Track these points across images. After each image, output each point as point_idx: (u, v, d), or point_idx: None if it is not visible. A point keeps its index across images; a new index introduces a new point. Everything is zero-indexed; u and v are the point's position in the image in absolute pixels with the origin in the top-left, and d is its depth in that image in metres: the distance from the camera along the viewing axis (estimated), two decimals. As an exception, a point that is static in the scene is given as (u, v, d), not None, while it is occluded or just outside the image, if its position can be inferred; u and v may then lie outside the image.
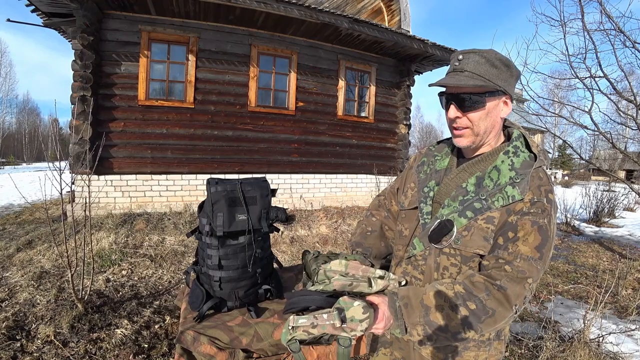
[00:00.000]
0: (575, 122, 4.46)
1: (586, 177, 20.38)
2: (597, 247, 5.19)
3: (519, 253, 0.78)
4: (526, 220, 0.80)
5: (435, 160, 1.02)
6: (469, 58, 0.84)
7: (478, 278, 0.80)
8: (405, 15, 7.59)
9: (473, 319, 0.77)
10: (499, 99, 0.86)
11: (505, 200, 0.83)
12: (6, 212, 6.05)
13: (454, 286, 0.80)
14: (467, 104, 0.85)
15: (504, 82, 0.84)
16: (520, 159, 0.86)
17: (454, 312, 0.77)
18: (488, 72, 0.82)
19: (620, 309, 2.99)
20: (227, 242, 1.52)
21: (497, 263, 0.80)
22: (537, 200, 0.81)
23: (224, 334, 1.33)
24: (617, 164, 18.21)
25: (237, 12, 5.36)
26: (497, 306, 0.77)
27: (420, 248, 0.92)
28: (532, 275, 0.78)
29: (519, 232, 0.80)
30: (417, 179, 1.03)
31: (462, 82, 0.82)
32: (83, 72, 4.80)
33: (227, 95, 5.98)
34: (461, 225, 0.86)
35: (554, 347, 2.06)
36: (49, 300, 2.56)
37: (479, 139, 0.89)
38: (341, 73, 6.96)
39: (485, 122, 0.86)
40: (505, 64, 0.83)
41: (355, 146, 7.27)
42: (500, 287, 0.77)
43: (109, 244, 3.85)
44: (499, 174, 0.85)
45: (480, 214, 0.84)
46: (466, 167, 0.93)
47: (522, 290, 0.77)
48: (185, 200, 5.81)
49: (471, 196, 0.87)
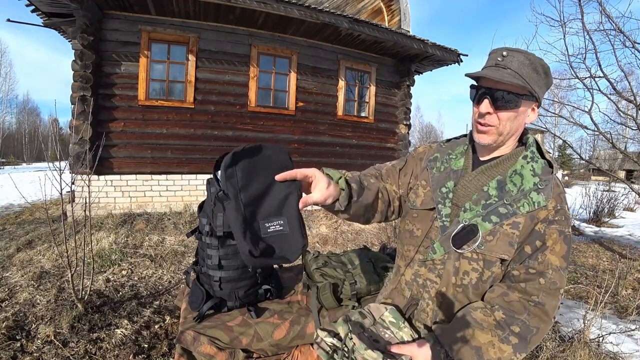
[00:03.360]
0: (575, 122, 4.46)
1: (586, 177, 20.38)
2: (597, 247, 5.19)
3: (549, 263, 0.79)
4: (553, 229, 0.81)
5: (450, 158, 0.98)
6: (514, 57, 0.82)
7: (513, 297, 0.80)
8: (405, 15, 7.59)
9: (522, 342, 0.77)
10: (530, 104, 0.85)
11: (530, 206, 0.82)
12: (6, 212, 6.05)
13: (493, 313, 0.80)
14: (501, 102, 0.82)
15: (540, 88, 0.83)
16: (539, 165, 0.86)
17: (504, 343, 0.77)
18: (529, 75, 0.81)
19: (620, 309, 2.99)
20: (227, 242, 1.52)
21: (528, 274, 0.80)
22: (560, 208, 0.82)
23: (224, 334, 1.33)
24: (617, 164, 18.21)
25: (237, 12, 5.36)
26: (539, 323, 0.78)
27: (440, 252, 0.89)
28: (562, 286, 0.80)
29: (547, 241, 0.80)
30: (430, 176, 0.98)
31: (506, 78, 0.79)
32: (83, 72, 4.80)
33: (227, 95, 5.98)
34: (485, 230, 0.84)
35: (554, 347, 2.06)
36: (49, 300, 2.56)
37: (501, 139, 0.87)
38: (341, 73, 6.96)
39: (512, 123, 0.85)
40: (545, 72, 0.83)
41: (355, 146, 7.27)
42: (537, 303, 0.78)
43: (109, 244, 3.85)
44: (522, 179, 0.84)
45: (506, 219, 0.83)
46: (485, 169, 0.91)
47: (557, 302, 0.79)
48: (185, 200, 5.81)
49: (494, 200, 0.85)
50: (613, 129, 6.19)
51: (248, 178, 0.83)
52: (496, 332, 0.77)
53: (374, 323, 0.91)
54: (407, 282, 0.98)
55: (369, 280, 1.63)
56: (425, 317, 0.92)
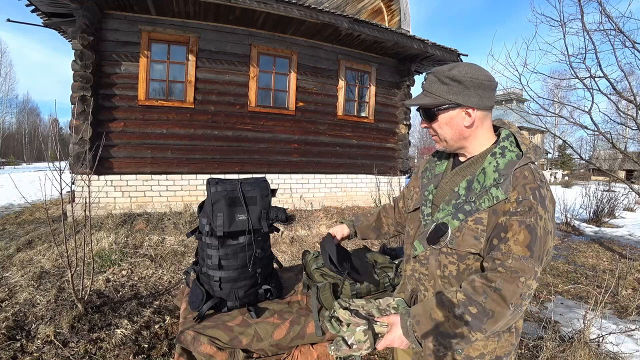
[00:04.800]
0: (575, 122, 4.46)
1: (586, 177, 20.37)
2: (597, 247, 5.19)
3: (511, 253, 0.84)
4: (514, 220, 0.85)
5: (435, 165, 1.12)
6: (429, 78, 0.96)
7: (477, 282, 0.87)
8: (405, 15, 7.59)
9: (476, 322, 0.84)
10: (455, 110, 0.92)
11: (490, 201, 0.88)
12: (6, 212, 6.06)
13: (457, 294, 0.88)
14: (427, 117, 0.98)
15: (456, 95, 0.90)
16: (506, 159, 0.91)
17: (459, 319, 0.85)
18: (439, 89, 0.92)
19: (620, 309, 2.99)
20: (227, 242, 1.52)
21: (493, 264, 0.86)
22: (522, 199, 0.85)
23: (224, 334, 1.33)
24: (617, 164, 18.21)
25: (237, 12, 5.36)
26: (495, 307, 0.83)
27: (421, 249, 1.01)
28: (524, 274, 0.82)
29: (508, 232, 0.85)
30: (421, 184, 1.13)
31: (415, 101, 0.98)
32: (83, 72, 4.80)
33: (227, 95, 5.99)
34: (454, 227, 0.93)
35: (554, 347, 2.06)
36: (49, 300, 2.56)
37: (450, 145, 0.98)
38: (341, 73, 6.96)
39: (445, 130, 0.96)
40: (455, 80, 0.90)
41: (355, 146, 7.27)
42: (495, 289, 0.83)
43: (109, 244, 3.85)
44: (485, 177, 0.91)
45: (470, 215, 0.91)
46: (458, 170, 1.01)
47: (516, 288, 0.82)
48: (185, 200, 5.81)
49: (462, 199, 0.94)
50: (613, 129, 6.20)
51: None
52: (452, 310, 0.86)
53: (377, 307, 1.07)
54: (408, 277, 1.10)
55: (369, 280, 1.63)
56: None
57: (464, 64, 0.92)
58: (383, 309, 1.07)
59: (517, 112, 7.33)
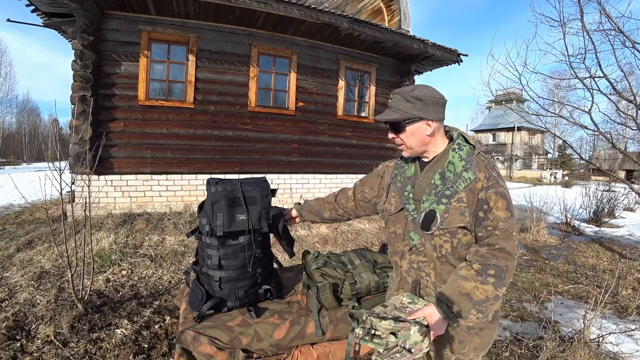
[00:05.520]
0: (575, 122, 4.46)
1: (586, 177, 20.36)
2: (597, 247, 5.19)
3: (498, 218, 1.04)
4: (490, 193, 1.06)
5: (404, 170, 1.29)
6: (394, 97, 1.15)
7: (482, 250, 1.05)
8: (405, 15, 7.59)
9: (498, 280, 1.01)
10: (419, 122, 1.12)
11: (465, 182, 1.08)
12: (6, 212, 6.05)
13: (472, 266, 1.04)
14: (394, 129, 1.18)
15: (419, 111, 1.11)
16: (464, 151, 1.13)
17: (485, 284, 1.01)
18: (405, 106, 1.12)
19: (620, 309, 2.99)
20: (227, 242, 1.52)
21: (487, 231, 1.06)
22: (489, 175, 1.07)
23: (224, 334, 1.33)
24: (617, 164, 18.21)
25: (237, 12, 5.36)
26: (506, 262, 1.02)
27: (417, 238, 1.16)
28: (513, 229, 1.06)
29: (489, 202, 1.05)
30: (396, 188, 1.28)
31: (385, 116, 1.16)
32: (83, 72, 4.80)
33: (227, 95, 5.99)
34: (441, 211, 1.10)
35: (554, 347, 2.06)
36: (49, 300, 2.56)
37: (415, 150, 1.18)
38: (341, 73, 6.96)
39: (411, 140, 1.15)
40: (418, 99, 1.10)
41: (356, 146, 7.27)
42: (500, 249, 1.03)
43: (109, 244, 3.85)
44: (454, 166, 1.12)
45: (452, 197, 1.09)
46: (429, 168, 1.19)
47: (513, 242, 1.04)
48: (185, 200, 5.81)
49: (440, 188, 1.12)
50: (613, 129, 6.19)
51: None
52: (477, 279, 1.02)
53: (395, 308, 1.12)
54: (406, 271, 1.22)
55: (369, 280, 1.63)
56: (430, 290, 1.17)
57: (422, 86, 1.13)
58: (400, 308, 1.11)
59: (517, 112, 7.33)
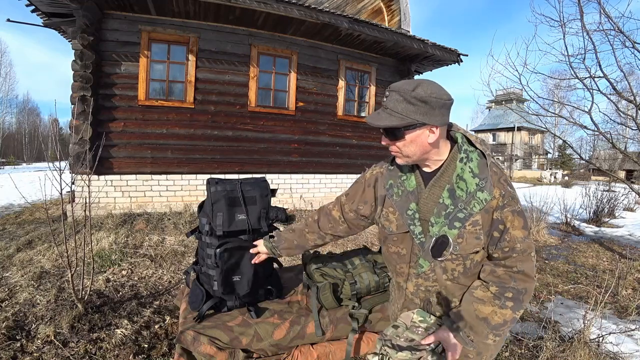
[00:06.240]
0: (575, 122, 4.46)
1: (586, 177, 20.36)
2: (597, 247, 5.19)
3: (515, 238, 0.96)
4: (506, 212, 0.96)
5: (402, 181, 1.10)
6: (391, 96, 0.95)
7: (499, 271, 0.99)
8: (405, 15, 7.59)
9: (517, 303, 0.96)
10: (421, 129, 0.95)
11: (480, 204, 0.96)
12: (6, 212, 6.05)
13: (489, 288, 0.99)
14: (391, 136, 1.00)
15: (423, 115, 0.92)
16: (474, 162, 0.98)
17: (503, 308, 0.96)
18: (406, 109, 0.92)
19: (620, 309, 2.99)
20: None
21: (504, 253, 0.98)
22: (504, 192, 0.97)
23: (224, 334, 1.33)
24: (617, 164, 18.22)
25: (237, 12, 5.36)
26: (525, 284, 0.97)
27: (427, 265, 1.05)
28: (531, 249, 0.98)
29: (506, 223, 0.97)
30: (394, 203, 1.11)
31: (380, 121, 0.97)
32: (83, 72, 4.80)
33: (227, 95, 5.98)
34: (454, 236, 0.98)
35: (554, 347, 2.06)
36: (49, 300, 2.56)
37: (412, 159, 1.01)
38: (341, 73, 6.96)
39: (410, 148, 0.98)
40: (422, 100, 0.90)
41: (356, 146, 7.27)
42: (518, 271, 0.97)
43: (109, 244, 3.85)
44: (466, 183, 0.97)
45: (466, 221, 0.97)
46: (434, 182, 1.03)
47: (532, 262, 0.98)
48: (185, 200, 5.81)
49: (451, 208, 0.98)
50: (613, 129, 6.19)
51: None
52: (495, 303, 0.96)
53: (407, 328, 1.06)
54: (413, 293, 1.12)
55: (369, 280, 1.63)
56: (440, 307, 1.08)
57: (426, 83, 0.93)
58: (412, 326, 1.06)
59: (517, 112, 7.33)
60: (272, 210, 1.69)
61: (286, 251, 1.38)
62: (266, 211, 1.61)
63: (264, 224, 1.59)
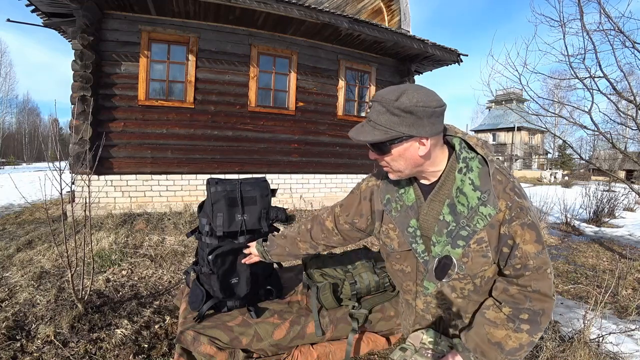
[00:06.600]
0: (575, 122, 4.46)
1: (586, 177, 20.36)
2: (597, 247, 5.19)
3: (527, 254, 0.86)
4: (515, 226, 0.86)
5: (401, 195, 1.03)
6: (374, 107, 0.86)
7: (513, 290, 0.89)
8: (405, 15, 7.59)
9: (533, 325, 0.87)
10: (408, 142, 0.86)
11: (484, 220, 0.88)
12: (6, 212, 6.05)
13: (502, 309, 0.90)
14: (377, 151, 0.90)
15: (409, 127, 0.82)
16: (475, 172, 0.88)
17: (519, 331, 0.87)
18: (389, 121, 0.83)
19: (620, 309, 2.99)
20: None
21: (516, 271, 0.88)
22: (511, 204, 0.87)
23: (224, 334, 1.33)
24: (617, 164, 18.22)
25: (237, 12, 5.36)
26: (542, 305, 0.87)
27: (432, 287, 0.99)
28: (547, 265, 0.87)
29: (515, 238, 0.87)
30: (393, 219, 1.05)
31: (362, 136, 0.87)
32: (83, 72, 4.80)
33: (227, 95, 5.98)
34: (458, 255, 0.92)
35: (554, 347, 2.06)
36: (49, 300, 2.56)
37: (405, 173, 0.93)
38: (341, 73, 6.96)
39: (399, 163, 0.90)
40: (406, 111, 0.81)
41: (356, 146, 7.26)
42: (534, 290, 0.87)
43: (109, 244, 3.85)
44: (467, 198, 0.89)
45: (470, 239, 0.90)
46: (433, 196, 0.96)
47: (549, 281, 0.87)
48: (185, 200, 5.81)
49: (453, 226, 0.91)
50: (613, 129, 6.19)
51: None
52: (508, 326, 0.87)
53: (415, 351, 1.01)
54: (423, 310, 1.07)
55: (369, 280, 1.63)
56: (454, 324, 1.03)
57: (412, 89, 0.83)
58: (421, 349, 1.01)
59: (517, 112, 7.33)
60: (273, 210, 1.69)
61: (277, 257, 1.37)
62: (266, 211, 1.61)
63: (265, 224, 1.59)
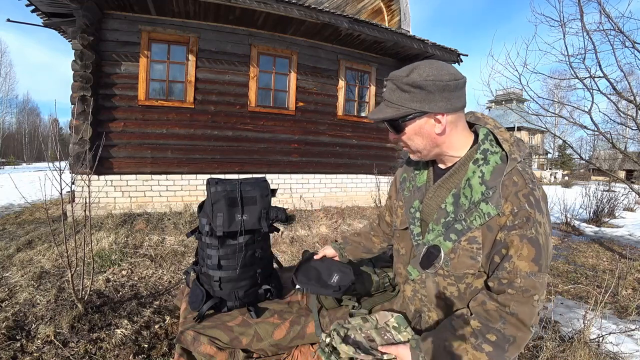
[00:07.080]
0: (575, 122, 4.46)
1: (586, 177, 20.36)
2: (597, 247, 5.19)
3: (517, 271, 0.77)
4: (514, 235, 0.78)
5: (415, 175, 1.02)
6: (388, 86, 0.85)
7: (490, 306, 0.80)
8: (405, 15, 7.59)
9: (497, 350, 0.77)
10: (421, 118, 0.83)
11: (482, 218, 0.81)
12: (6, 212, 6.05)
13: (471, 322, 0.81)
14: (392, 129, 0.88)
15: (420, 102, 0.80)
16: (490, 166, 0.83)
17: (478, 350, 0.78)
18: (400, 98, 0.82)
19: (620, 309, 2.99)
20: (226, 242, 1.52)
21: (500, 285, 0.79)
22: (517, 210, 0.78)
23: (224, 334, 1.33)
24: (617, 164, 18.21)
25: (237, 12, 5.36)
26: (515, 332, 0.77)
27: (416, 274, 0.95)
28: (536, 291, 0.77)
29: (510, 248, 0.78)
30: (403, 198, 1.04)
31: (375, 115, 0.87)
32: (83, 72, 4.80)
33: (227, 95, 5.99)
34: (447, 249, 0.86)
35: (554, 347, 2.06)
36: (49, 300, 2.56)
37: (424, 154, 0.90)
38: (341, 73, 6.96)
39: (415, 141, 0.87)
40: (416, 86, 0.79)
41: (356, 146, 7.27)
42: (511, 313, 0.77)
43: (109, 244, 3.85)
44: (472, 191, 0.83)
45: (463, 235, 0.83)
46: (441, 183, 0.92)
47: (532, 309, 0.77)
48: (185, 200, 5.81)
49: (451, 217, 0.86)
50: (613, 129, 6.20)
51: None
52: (469, 341, 0.79)
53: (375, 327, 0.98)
54: (409, 298, 1.02)
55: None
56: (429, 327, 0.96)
57: (423, 65, 0.81)
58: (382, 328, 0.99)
59: (517, 112, 7.33)
60: (273, 210, 1.69)
61: (352, 253, 1.39)
62: (266, 211, 1.61)
63: (265, 224, 1.58)
